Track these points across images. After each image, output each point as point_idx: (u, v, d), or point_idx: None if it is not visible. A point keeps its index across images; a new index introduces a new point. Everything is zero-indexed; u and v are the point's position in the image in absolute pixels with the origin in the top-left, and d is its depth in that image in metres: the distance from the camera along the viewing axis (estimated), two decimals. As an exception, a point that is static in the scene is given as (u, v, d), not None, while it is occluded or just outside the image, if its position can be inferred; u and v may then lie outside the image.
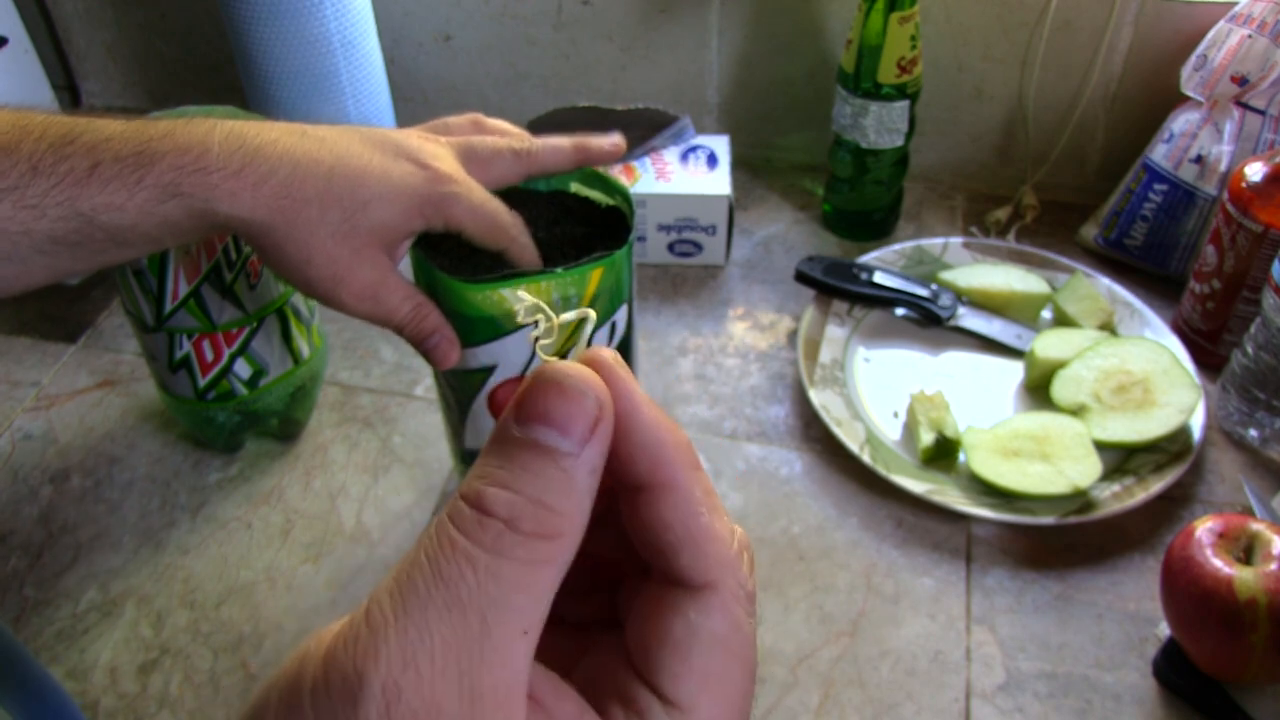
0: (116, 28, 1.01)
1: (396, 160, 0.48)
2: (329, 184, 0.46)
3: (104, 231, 0.43)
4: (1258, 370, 0.66)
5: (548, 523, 0.20)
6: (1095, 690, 0.56)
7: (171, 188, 0.43)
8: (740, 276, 0.83)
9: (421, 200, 0.48)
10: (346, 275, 0.47)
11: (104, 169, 0.43)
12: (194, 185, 0.44)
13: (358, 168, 0.47)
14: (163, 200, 0.44)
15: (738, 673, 0.22)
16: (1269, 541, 0.52)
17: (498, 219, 0.50)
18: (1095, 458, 0.63)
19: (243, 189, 0.44)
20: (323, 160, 0.46)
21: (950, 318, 0.75)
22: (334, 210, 0.46)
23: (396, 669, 0.18)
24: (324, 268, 0.47)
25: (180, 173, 0.44)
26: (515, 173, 0.53)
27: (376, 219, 0.47)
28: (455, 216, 0.49)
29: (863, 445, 0.67)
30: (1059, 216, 0.87)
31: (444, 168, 0.49)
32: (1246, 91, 0.74)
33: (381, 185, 0.47)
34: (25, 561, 0.64)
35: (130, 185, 0.43)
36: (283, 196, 0.45)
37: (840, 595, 0.60)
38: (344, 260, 0.47)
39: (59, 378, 0.76)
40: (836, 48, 0.87)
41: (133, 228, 0.44)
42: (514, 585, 0.20)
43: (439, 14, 0.93)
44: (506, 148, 0.52)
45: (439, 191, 0.48)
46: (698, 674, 0.21)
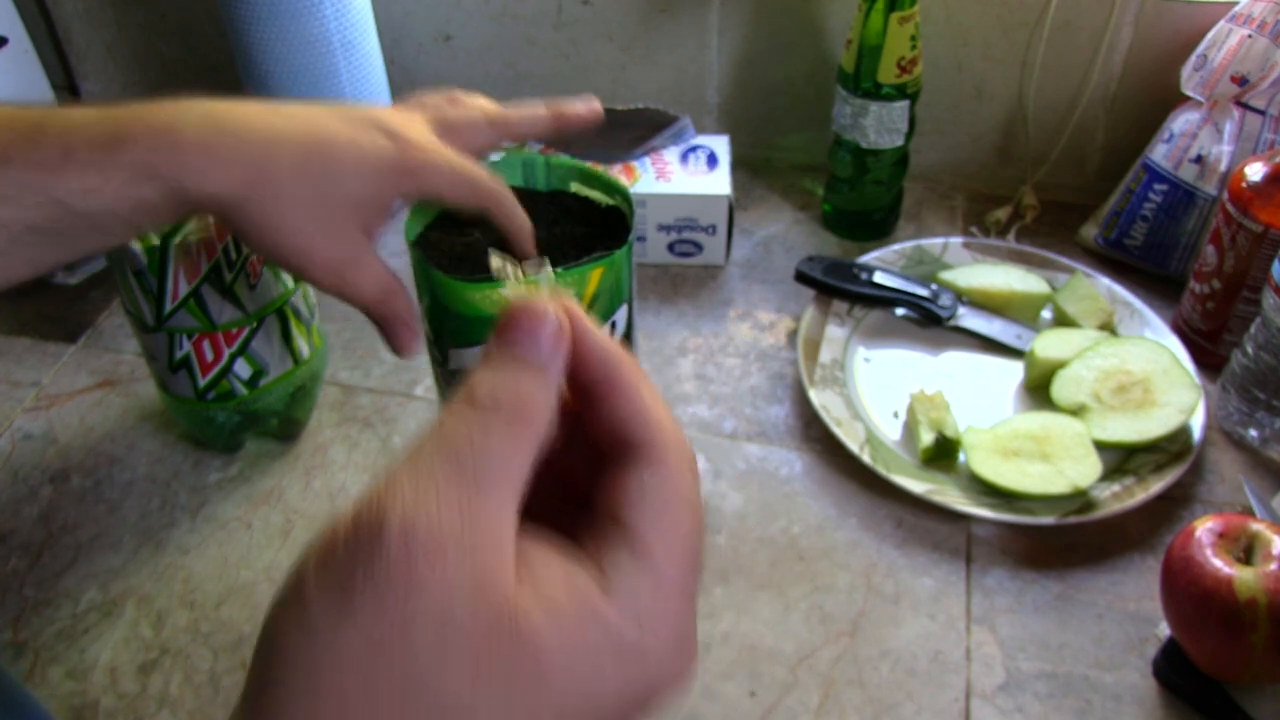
0: (116, 28, 1.01)
1: (368, 132, 0.48)
2: (300, 158, 0.46)
3: (82, 218, 0.43)
4: (1258, 370, 0.66)
5: (525, 409, 0.26)
6: (1095, 690, 0.56)
7: (147, 169, 0.43)
8: (740, 276, 0.83)
9: (394, 170, 0.47)
10: (316, 250, 0.47)
11: (78, 154, 0.43)
12: (168, 165, 0.44)
13: (329, 141, 0.47)
14: (138, 182, 0.44)
15: (685, 516, 0.27)
16: (1269, 541, 0.52)
17: (476, 180, 0.49)
18: (1095, 458, 0.63)
19: (215, 166, 0.44)
20: (294, 135, 0.46)
21: (950, 318, 0.75)
22: (305, 184, 0.46)
23: (409, 508, 0.23)
24: (294, 242, 0.46)
25: (154, 153, 0.44)
26: (491, 139, 0.53)
27: (349, 191, 0.47)
28: (431, 183, 0.48)
29: (863, 445, 0.67)
30: (1059, 216, 0.87)
31: (416, 136, 0.49)
32: (1246, 91, 0.74)
33: (353, 157, 0.47)
34: (25, 561, 0.64)
35: (105, 169, 0.43)
36: (254, 172, 0.45)
37: (840, 595, 0.60)
38: (314, 235, 0.46)
39: (59, 378, 0.76)
40: (836, 48, 0.87)
41: (110, 212, 0.44)
42: (499, 454, 0.25)
43: (439, 14, 0.93)
44: (480, 115, 0.52)
45: (412, 159, 0.48)
46: (650, 515, 0.26)
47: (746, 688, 0.56)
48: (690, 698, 0.56)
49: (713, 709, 0.55)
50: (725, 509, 0.65)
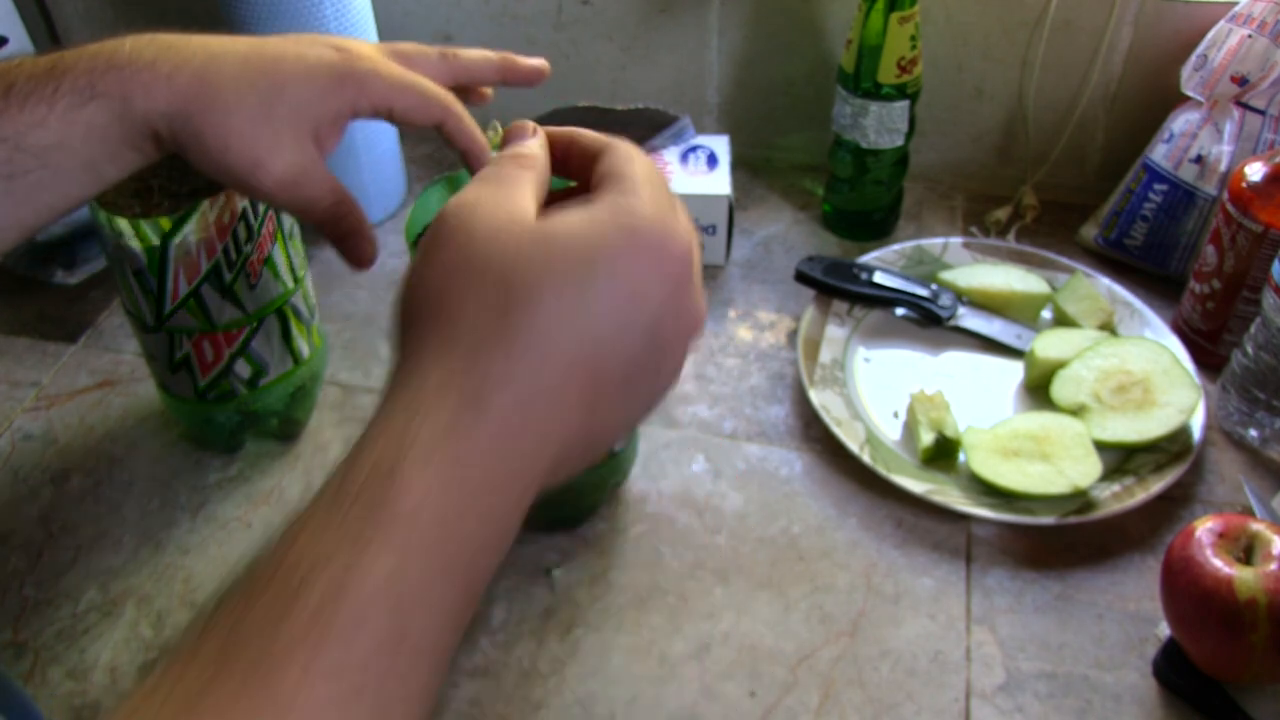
0: (116, 28, 1.00)
1: (314, 46, 0.48)
2: (244, 68, 0.46)
3: (32, 156, 0.43)
4: (1258, 370, 0.66)
5: (525, 155, 0.39)
6: (1095, 690, 0.56)
7: (87, 90, 0.43)
8: (740, 276, 0.83)
9: (340, 77, 0.47)
10: (266, 159, 0.46)
11: (19, 88, 0.43)
12: (109, 83, 0.44)
13: (273, 53, 0.47)
14: (81, 105, 0.43)
15: (644, 160, 0.38)
16: (1269, 541, 0.52)
17: (426, 90, 0.49)
18: (1095, 458, 0.63)
19: (157, 80, 0.44)
20: (237, 49, 0.46)
21: (950, 318, 0.75)
22: (250, 94, 0.45)
23: (462, 207, 0.35)
24: (242, 153, 0.46)
25: (94, 74, 0.44)
26: (441, 72, 0.52)
27: (294, 99, 0.46)
28: (378, 93, 0.48)
29: (863, 445, 0.67)
30: (1059, 216, 0.87)
31: (363, 49, 0.49)
32: (1246, 91, 0.74)
33: (298, 66, 0.46)
34: (25, 561, 0.64)
35: (48, 98, 0.43)
36: (197, 83, 0.45)
37: (840, 595, 0.60)
38: (263, 143, 0.46)
39: (59, 378, 0.76)
40: (836, 48, 0.87)
41: (59, 144, 0.43)
42: (510, 173, 0.37)
43: (439, 14, 0.93)
44: (433, 48, 0.52)
45: (357, 68, 0.47)
46: (621, 159, 0.38)
47: (746, 688, 0.56)
48: (692, 697, 0.56)
49: (713, 709, 0.55)
50: (725, 509, 0.65)
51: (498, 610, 0.60)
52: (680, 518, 0.65)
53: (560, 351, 0.32)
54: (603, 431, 0.35)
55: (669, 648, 0.58)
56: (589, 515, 0.65)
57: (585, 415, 0.34)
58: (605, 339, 0.33)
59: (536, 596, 0.61)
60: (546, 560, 0.63)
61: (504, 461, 0.31)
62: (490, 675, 0.57)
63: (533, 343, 0.32)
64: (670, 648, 0.58)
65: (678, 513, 0.65)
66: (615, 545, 0.64)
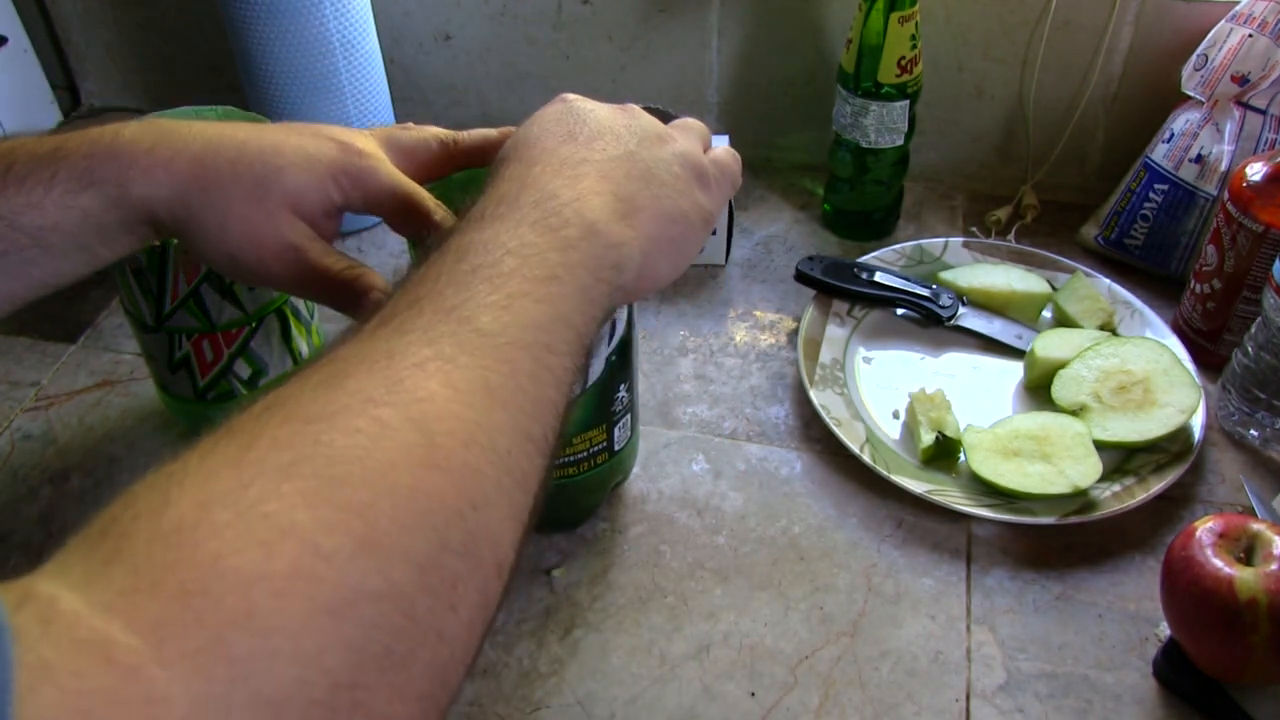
0: (116, 27, 1.01)
1: (313, 138, 0.48)
2: (241, 152, 0.46)
3: (26, 235, 0.43)
4: (1258, 370, 0.66)
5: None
6: (1096, 690, 0.56)
7: (86, 176, 0.43)
8: (740, 276, 0.83)
9: (336, 170, 0.47)
10: (264, 237, 0.46)
11: (18, 169, 0.43)
12: (108, 170, 0.44)
13: (271, 141, 0.47)
14: (79, 191, 0.43)
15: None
16: (1269, 542, 0.52)
17: (417, 198, 0.49)
18: (1095, 458, 0.63)
19: (155, 166, 0.44)
20: (235, 135, 0.46)
21: (950, 317, 0.75)
22: (246, 176, 0.45)
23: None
24: (240, 231, 0.46)
25: (93, 160, 0.44)
26: (441, 161, 0.52)
27: (290, 183, 0.46)
28: (371, 193, 0.48)
29: (863, 445, 0.67)
30: (1059, 216, 0.87)
31: (361, 144, 0.49)
32: (1247, 91, 0.74)
33: (295, 155, 0.47)
34: (25, 561, 0.64)
35: (45, 181, 0.43)
36: (196, 167, 0.45)
37: (840, 595, 0.60)
38: (259, 222, 0.46)
39: (58, 378, 0.76)
40: (836, 48, 0.87)
41: (54, 227, 0.44)
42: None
43: (439, 14, 0.93)
44: (432, 136, 0.52)
45: (354, 163, 0.48)
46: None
47: (746, 688, 0.56)
48: (692, 697, 0.56)
49: (713, 709, 0.55)
50: (725, 509, 0.65)
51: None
52: (680, 518, 0.65)
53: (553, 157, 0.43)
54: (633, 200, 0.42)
55: (669, 648, 0.58)
56: (589, 515, 0.65)
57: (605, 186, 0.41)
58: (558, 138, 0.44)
59: (536, 596, 0.61)
60: (546, 560, 0.63)
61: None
62: (490, 675, 0.57)
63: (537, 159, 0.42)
64: (670, 648, 0.58)
65: (678, 513, 0.65)
66: (615, 545, 0.64)
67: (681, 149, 0.45)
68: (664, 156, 0.44)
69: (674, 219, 0.43)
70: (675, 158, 0.45)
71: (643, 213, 0.41)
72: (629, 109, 0.47)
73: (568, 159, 0.42)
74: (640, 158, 0.43)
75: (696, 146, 0.47)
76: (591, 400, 0.57)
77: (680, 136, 0.47)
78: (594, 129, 0.44)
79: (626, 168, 0.42)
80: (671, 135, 0.46)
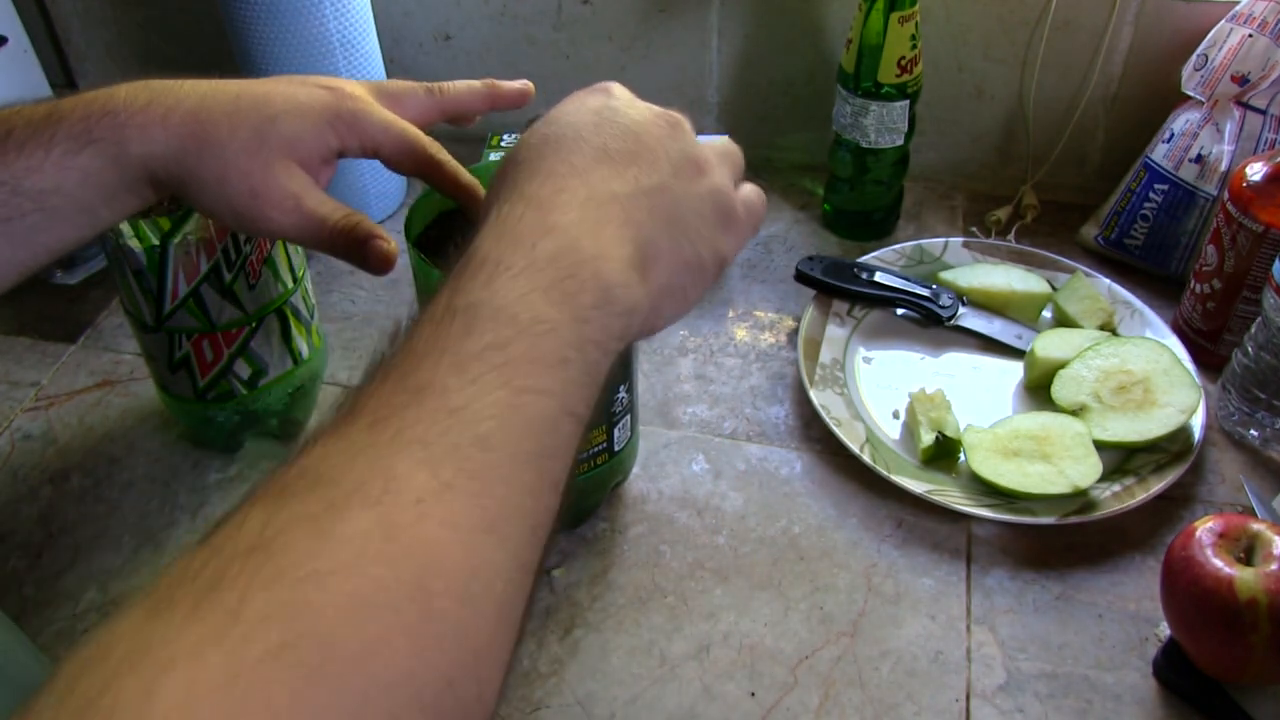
0: (116, 27, 1.01)
1: (303, 85, 0.48)
2: (235, 105, 0.46)
3: (29, 199, 0.44)
4: (1258, 370, 0.66)
5: None
6: (1096, 690, 0.56)
7: (83, 136, 0.44)
8: (740, 276, 0.83)
9: (331, 115, 0.48)
10: (263, 188, 0.46)
11: (17, 134, 0.44)
12: (104, 129, 0.44)
13: (264, 91, 0.47)
14: (77, 151, 0.44)
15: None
16: (1269, 542, 0.52)
17: (414, 137, 0.50)
18: (1095, 458, 0.63)
19: (151, 123, 0.45)
20: (228, 89, 0.47)
21: (951, 317, 0.75)
22: (242, 128, 0.46)
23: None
24: (239, 183, 0.46)
25: (89, 120, 0.44)
26: (429, 108, 0.53)
27: (286, 131, 0.46)
28: (368, 134, 0.48)
29: (863, 445, 0.67)
30: (1059, 216, 0.87)
31: (350, 89, 0.49)
32: (1247, 91, 0.74)
33: (289, 103, 0.47)
34: (25, 561, 0.64)
35: (44, 143, 0.44)
36: (191, 123, 0.45)
37: (840, 595, 0.60)
38: (258, 173, 0.46)
39: (58, 378, 0.76)
40: (836, 48, 0.87)
41: (55, 189, 0.44)
42: None
43: (439, 14, 0.93)
44: (419, 84, 0.53)
45: (348, 107, 0.48)
46: None
47: (746, 688, 0.56)
48: (692, 697, 0.56)
49: (713, 709, 0.55)
50: (725, 509, 0.65)
51: (497, 610, 0.60)
52: (680, 518, 0.65)
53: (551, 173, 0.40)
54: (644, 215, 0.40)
55: (669, 648, 0.58)
56: (589, 515, 0.65)
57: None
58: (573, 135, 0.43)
59: (537, 596, 0.61)
60: (547, 560, 0.63)
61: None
62: (490, 675, 0.57)
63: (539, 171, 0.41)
64: (670, 648, 0.58)
65: (678, 513, 0.65)
66: (615, 545, 0.64)
67: (715, 185, 0.43)
68: (697, 193, 0.42)
69: (690, 267, 0.41)
70: (708, 196, 0.42)
71: (660, 262, 0.40)
72: (673, 120, 0.44)
73: (596, 192, 0.39)
74: (672, 193, 0.41)
75: (730, 181, 0.44)
76: (591, 400, 0.57)
77: (717, 166, 0.44)
78: (632, 146, 0.42)
79: (655, 205, 0.40)
80: (709, 165, 0.43)
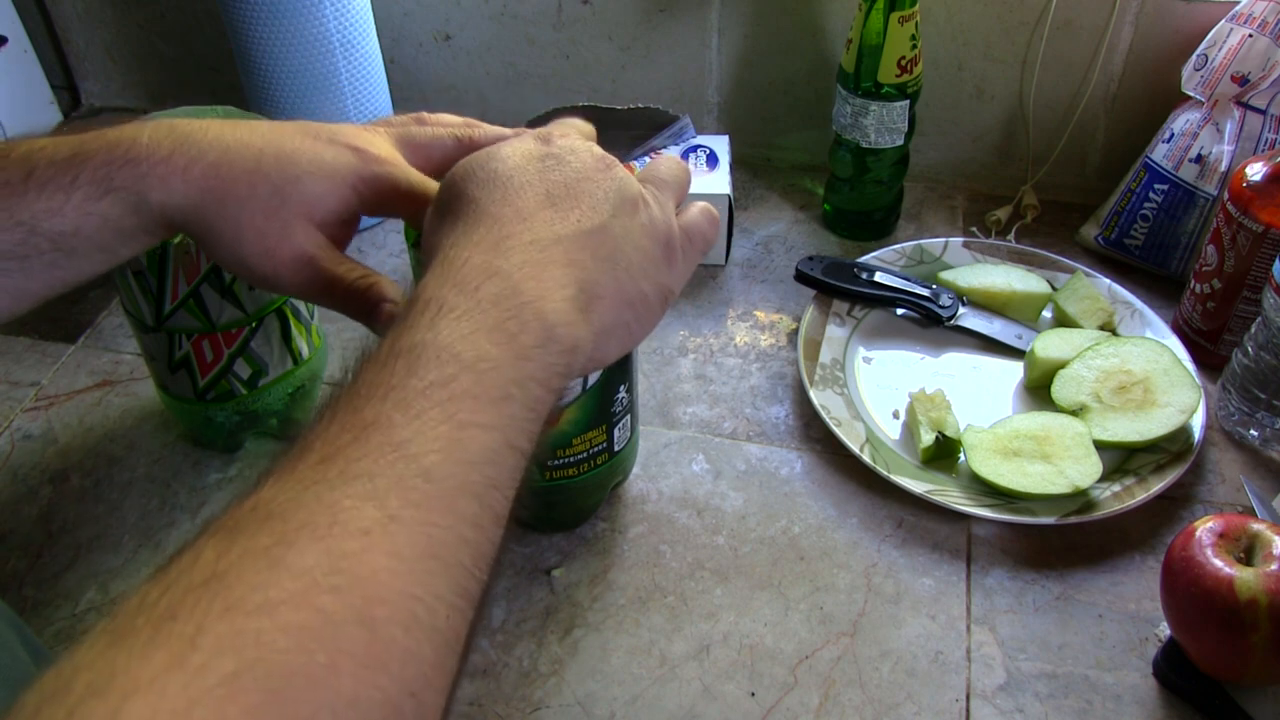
0: (116, 27, 1.01)
1: (330, 145, 0.48)
2: (258, 162, 0.46)
3: (47, 240, 0.44)
4: (1259, 370, 0.66)
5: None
6: (1096, 691, 0.56)
7: (105, 182, 0.44)
8: (740, 276, 0.83)
9: (354, 179, 0.47)
10: (278, 246, 0.46)
11: (39, 174, 0.43)
12: (126, 177, 0.44)
13: (289, 149, 0.47)
14: (98, 197, 0.44)
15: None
16: (1270, 542, 0.52)
17: None
18: (1095, 458, 0.63)
19: (172, 174, 0.44)
20: (253, 143, 0.46)
21: (951, 317, 0.75)
22: (263, 185, 0.45)
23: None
24: (254, 242, 0.46)
25: (111, 166, 0.44)
26: (457, 158, 0.52)
27: (308, 193, 0.46)
28: (390, 197, 0.48)
29: (863, 445, 0.67)
30: (1059, 216, 0.87)
31: (378, 150, 0.49)
32: (1247, 91, 0.74)
33: (313, 164, 0.46)
34: (25, 561, 0.64)
35: (66, 187, 0.43)
36: (212, 177, 0.45)
37: (840, 595, 0.60)
38: (274, 233, 0.46)
39: (58, 378, 0.76)
40: (836, 48, 0.87)
41: (74, 232, 0.44)
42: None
43: (439, 14, 0.93)
44: (447, 134, 0.52)
45: (372, 171, 0.48)
46: None
47: (746, 688, 0.56)
48: (692, 697, 0.56)
49: (712, 709, 0.55)
50: (725, 509, 0.65)
51: (498, 610, 0.60)
52: (680, 518, 0.65)
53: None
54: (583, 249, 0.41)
55: (669, 648, 0.58)
56: (589, 515, 0.65)
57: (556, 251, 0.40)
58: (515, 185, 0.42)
59: (536, 596, 0.61)
60: (546, 560, 0.63)
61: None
62: (490, 675, 0.57)
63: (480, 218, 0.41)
64: (670, 648, 0.58)
65: (678, 513, 0.65)
66: (615, 545, 0.64)
67: (654, 217, 0.43)
68: (636, 229, 0.42)
69: (633, 303, 0.42)
70: (647, 230, 0.43)
71: (603, 300, 0.40)
72: (609, 161, 0.44)
73: (539, 236, 0.39)
74: (613, 233, 0.41)
75: (670, 207, 0.45)
76: (591, 401, 0.57)
77: (656, 194, 0.44)
78: (574, 191, 0.42)
79: (596, 246, 0.40)
80: (645, 198, 0.43)
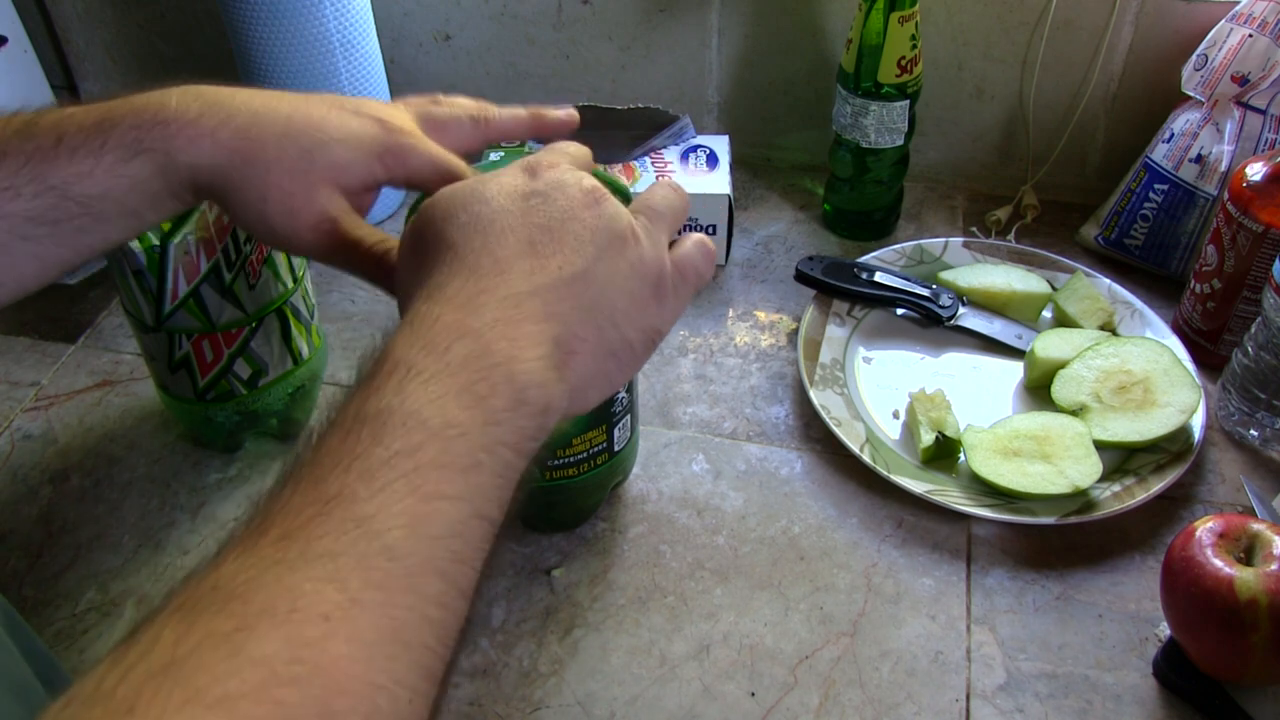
0: (116, 28, 1.01)
1: (355, 115, 0.48)
2: (287, 126, 0.46)
3: (77, 204, 0.44)
4: (1258, 370, 0.66)
5: None
6: (1096, 691, 0.56)
7: (134, 145, 0.44)
8: (740, 276, 0.83)
9: (380, 148, 0.48)
10: (303, 207, 0.47)
11: (69, 139, 0.44)
12: (155, 139, 0.44)
13: (316, 115, 0.47)
14: (127, 159, 0.44)
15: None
16: (1269, 542, 0.52)
17: (459, 173, 0.50)
18: (1095, 458, 0.63)
19: (201, 135, 0.45)
20: (280, 109, 0.47)
21: (951, 317, 0.75)
22: (292, 148, 0.46)
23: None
24: (280, 201, 0.46)
25: (140, 129, 0.44)
26: (474, 138, 0.53)
27: (336, 158, 0.47)
28: (414, 167, 0.49)
29: (863, 445, 0.67)
30: (1059, 216, 0.87)
31: (402, 123, 0.49)
32: (1247, 91, 0.74)
33: (340, 131, 0.47)
34: (25, 561, 0.64)
35: (95, 150, 0.44)
36: (240, 139, 0.45)
37: (840, 595, 0.60)
38: (300, 194, 0.46)
39: (58, 378, 0.76)
40: (836, 48, 0.87)
41: (103, 195, 0.44)
42: None
43: (439, 14, 0.93)
44: (464, 113, 0.53)
45: (396, 141, 0.48)
46: None
47: (746, 688, 0.56)
48: (692, 697, 0.56)
49: (713, 709, 0.55)
50: (725, 509, 0.65)
51: (497, 610, 0.60)
52: (680, 518, 0.65)
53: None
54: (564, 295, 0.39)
55: (669, 648, 0.58)
56: (589, 515, 0.65)
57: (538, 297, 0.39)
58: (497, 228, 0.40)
59: (536, 596, 0.61)
60: (546, 560, 0.63)
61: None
62: (490, 675, 0.57)
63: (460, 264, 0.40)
64: (670, 648, 0.58)
65: (678, 513, 0.65)
66: (615, 545, 0.64)
67: (643, 255, 0.41)
68: (622, 270, 0.40)
69: (615, 352, 0.40)
70: (635, 269, 0.41)
71: (581, 353, 0.39)
72: (598, 194, 0.42)
73: (516, 289, 0.38)
74: (595, 278, 0.39)
75: (662, 240, 0.43)
76: (591, 400, 0.57)
77: (648, 226, 0.43)
78: (557, 234, 0.40)
79: (578, 294, 0.39)
80: (636, 236, 0.42)
